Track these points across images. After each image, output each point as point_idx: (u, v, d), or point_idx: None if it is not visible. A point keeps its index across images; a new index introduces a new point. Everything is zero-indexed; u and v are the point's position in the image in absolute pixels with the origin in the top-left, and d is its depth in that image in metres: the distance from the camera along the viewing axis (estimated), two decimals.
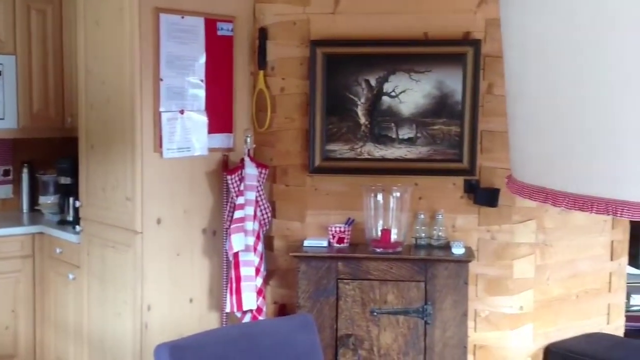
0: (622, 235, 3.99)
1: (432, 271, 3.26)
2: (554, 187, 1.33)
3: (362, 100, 3.46)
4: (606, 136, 1.24)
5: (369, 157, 3.49)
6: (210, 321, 3.55)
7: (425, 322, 3.24)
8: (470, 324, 3.43)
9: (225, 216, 3.49)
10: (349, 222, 3.48)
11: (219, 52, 3.49)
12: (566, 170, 1.32)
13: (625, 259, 4.03)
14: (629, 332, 4.13)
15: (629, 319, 4.21)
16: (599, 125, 1.25)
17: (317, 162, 3.51)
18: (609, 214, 1.22)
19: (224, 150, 3.56)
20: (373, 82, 3.44)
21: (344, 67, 3.45)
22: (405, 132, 3.46)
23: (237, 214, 3.35)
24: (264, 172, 3.50)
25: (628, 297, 4.36)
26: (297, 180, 3.58)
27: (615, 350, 3.52)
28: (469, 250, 3.40)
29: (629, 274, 4.16)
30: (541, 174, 1.39)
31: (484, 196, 3.46)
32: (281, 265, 3.62)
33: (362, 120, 3.47)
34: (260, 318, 3.41)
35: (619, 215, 1.21)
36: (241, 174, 3.41)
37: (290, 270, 3.52)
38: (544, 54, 1.27)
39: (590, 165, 1.27)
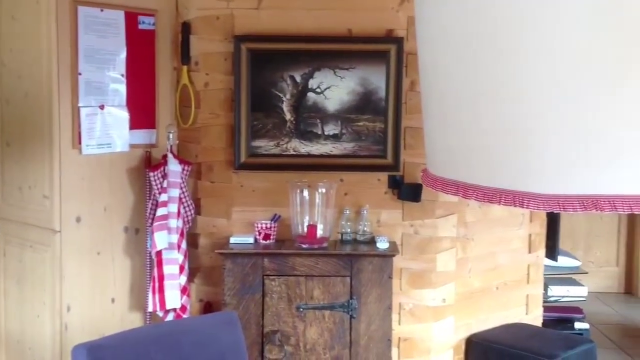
0: (540, 229, 4.14)
1: (357, 266, 3.29)
2: (465, 179, 1.36)
3: (288, 96, 3.45)
4: (514, 130, 1.27)
5: (295, 153, 3.49)
6: (133, 321, 3.48)
7: (351, 317, 3.27)
8: (395, 317, 3.48)
9: (148, 214, 3.43)
10: (275, 218, 3.47)
11: (140, 46, 3.42)
12: (476, 164, 1.35)
13: (542, 251, 4.19)
14: (546, 322, 4.28)
15: (546, 309, 4.37)
16: (507, 119, 1.28)
17: (243, 158, 3.49)
18: (515, 206, 1.26)
19: (146, 147, 3.49)
20: (298, 79, 3.44)
21: (269, 63, 3.44)
22: (331, 129, 3.48)
23: (160, 211, 3.29)
24: (187, 169, 3.45)
25: (545, 288, 4.53)
26: (223, 177, 3.55)
27: (533, 339, 3.65)
28: (393, 244, 3.45)
29: (546, 266, 4.32)
30: (453, 167, 1.41)
31: (407, 191, 3.52)
32: (206, 262, 3.58)
33: (288, 116, 3.47)
34: (185, 317, 3.36)
35: (525, 206, 1.25)
36: (164, 170, 3.35)
37: (215, 268, 3.49)
38: (455, 48, 1.29)
39: (499, 158, 1.30)
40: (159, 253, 3.30)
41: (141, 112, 3.44)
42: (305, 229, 3.38)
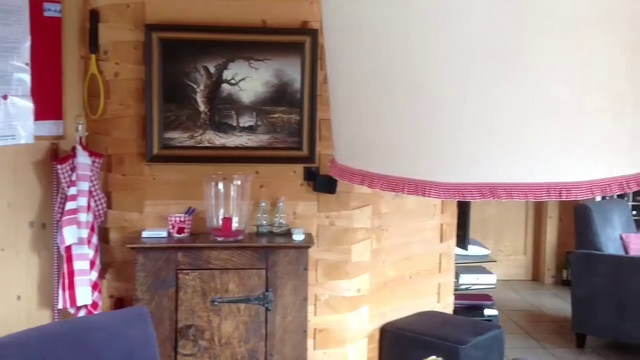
0: (451, 219, 4.26)
1: (272, 258, 3.28)
2: (370, 169, 1.37)
3: (202, 87, 3.40)
4: (416, 120, 1.29)
5: (209, 145, 3.44)
6: (41, 319, 3.35)
7: (266, 309, 3.27)
8: (311, 308, 3.50)
9: (56, 208, 3.30)
10: (190, 211, 3.42)
11: (46, 34, 3.28)
12: (381, 153, 1.36)
13: (453, 241, 4.31)
14: (457, 309, 4.42)
15: (457, 297, 4.50)
16: (410, 109, 1.30)
17: (155, 150, 3.41)
18: (418, 194, 1.28)
19: (53, 139, 3.36)
20: (212, 69, 3.40)
21: (182, 53, 3.37)
22: (246, 120, 3.45)
23: (69, 205, 3.18)
24: (97, 161, 3.34)
25: (457, 277, 4.67)
26: (134, 170, 3.46)
27: (444, 326, 3.75)
28: (308, 236, 3.46)
29: (457, 255, 4.45)
30: (359, 156, 1.42)
31: (323, 183, 3.54)
32: (118, 257, 3.49)
33: (202, 107, 3.42)
34: (96, 313, 3.27)
35: (427, 194, 1.27)
36: (72, 163, 3.24)
37: (127, 263, 3.40)
38: (361, 36, 1.30)
39: (403, 148, 1.32)
40: (68, 248, 3.19)
41: (47, 103, 3.31)
42: (221, 222, 3.35)
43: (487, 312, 4.49)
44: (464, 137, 1.25)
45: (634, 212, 6.00)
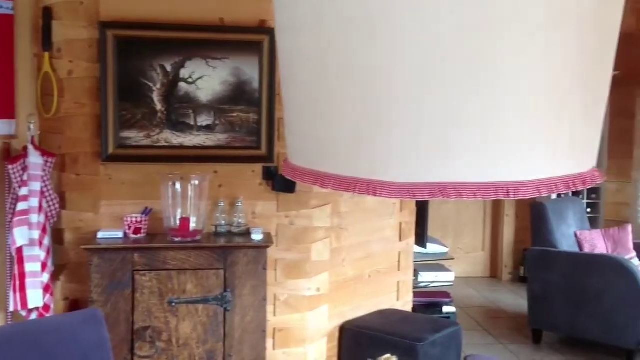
0: (410, 217, 4.29)
1: (231, 258, 3.26)
2: (323, 169, 1.37)
3: (158, 85, 3.36)
4: (367, 121, 1.30)
5: (167, 144, 3.40)
6: None
7: (225, 310, 3.25)
8: (270, 308, 3.49)
9: (7, 209, 3.23)
10: (146, 211, 3.38)
11: None
12: (334, 154, 1.36)
13: (412, 239, 4.34)
14: (416, 307, 4.46)
15: (416, 294, 4.54)
16: (361, 110, 1.30)
17: (111, 150, 3.36)
18: (369, 194, 1.28)
19: (5, 138, 3.28)
20: (168, 68, 3.36)
21: (137, 51, 3.33)
22: (204, 119, 3.42)
23: (20, 206, 3.11)
24: (50, 161, 3.27)
25: (416, 275, 4.71)
26: (89, 170, 3.40)
27: (402, 324, 3.78)
28: (268, 236, 3.45)
29: (416, 253, 4.48)
30: (311, 157, 1.42)
31: (282, 183, 3.53)
32: (73, 259, 3.43)
33: (159, 106, 3.38)
34: (48, 315, 3.20)
35: (378, 194, 1.27)
36: (24, 163, 3.17)
37: (82, 264, 3.34)
38: (311, 35, 1.30)
39: (354, 148, 1.33)
40: (19, 250, 3.12)
41: None
42: (178, 222, 3.31)
43: (446, 309, 4.54)
44: (414, 138, 1.26)
45: (589, 210, 6.13)
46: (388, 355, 1.76)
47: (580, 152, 1.35)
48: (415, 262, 4.49)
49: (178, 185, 3.34)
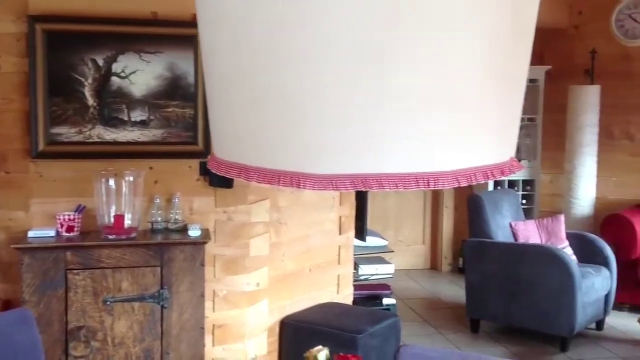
0: (349, 211, 4.32)
1: (168, 255, 3.22)
2: (246, 162, 1.37)
3: (90, 80, 3.29)
4: (290, 111, 1.30)
5: (99, 140, 3.34)
6: None
7: (162, 307, 3.21)
8: (209, 304, 3.46)
9: None
10: (79, 209, 3.30)
11: None
12: (256, 146, 1.36)
13: (352, 232, 4.38)
14: (357, 300, 4.49)
15: (357, 287, 4.58)
16: (283, 100, 1.30)
17: (41, 146, 3.27)
18: (293, 186, 1.29)
19: None
20: (100, 62, 3.29)
21: (68, 45, 3.25)
22: (138, 115, 3.37)
23: None
24: None
25: (356, 268, 4.75)
26: (19, 167, 3.30)
27: (342, 317, 3.81)
28: (205, 232, 3.42)
29: (356, 246, 4.52)
30: (235, 150, 1.42)
31: (219, 178, 3.50)
32: (4, 258, 3.33)
33: (91, 101, 3.30)
34: None
35: (301, 186, 1.28)
36: None
37: (13, 264, 3.25)
38: (232, 25, 1.29)
39: (277, 139, 1.33)
40: None
41: None
42: (112, 220, 3.25)
43: (386, 301, 4.60)
44: (335, 129, 1.27)
45: (524, 201, 6.30)
46: (320, 347, 1.77)
47: (498, 142, 1.38)
48: (355, 255, 4.53)
49: (112, 182, 3.28)
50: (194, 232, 3.33)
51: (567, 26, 6.36)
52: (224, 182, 3.50)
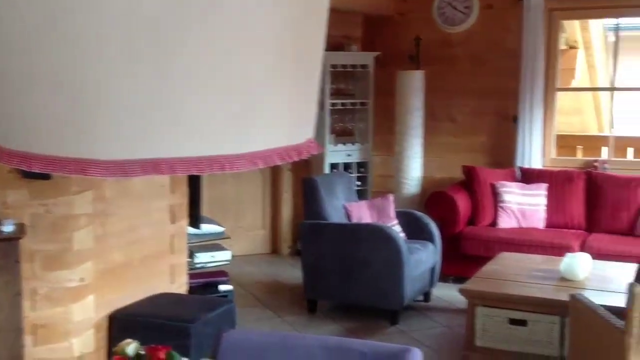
0: (181, 199, 4.23)
1: None
2: (29, 149, 1.28)
3: None
4: (75, 97, 1.24)
5: None
6: None
7: None
8: (28, 303, 3.25)
9: None
10: None
11: None
12: (40, 133, 1.28)
13: (185, 221, 4.29)
14: (193, 289, 4.42)
15: (193, 276, 4.51)
16: (68, 86, 1.23)
17: None
18: (78, 174, 1.23)
19: None
20: None
21: None
22: None
23: None
24: None
25: (192, 256, 4.67)
26: None
27: (176, 307, 3.73)
28: (20, 227, 3.20)
29: (190, 234, 4.44)
30: (18, 137, 1.33)
31: None
32: None
33: None
34: None
35: (88, 174, 1.22)
36: None
37: None
38: (7, 15, 1.20)
39: (61, 128, 1.26)
40: None
41: None
42: None
43: (223, 288, 4.57)
44: (124, 114, 1.21)
45: (359, 183, 6.52)
46: (129, 340, 1.72)
47: (295, 124, 1.39)
48: (190, 243, 4.45)
49: None
50: (7, 228, 3.10)
51: (392, 13, 6.63)
52: (41, 174, 3.28)
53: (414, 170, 6.34)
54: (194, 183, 4.38)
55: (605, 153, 6.48)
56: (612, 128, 6.51)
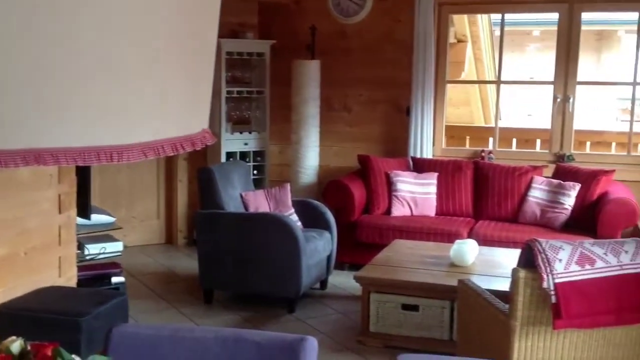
0: (69, 188, 4.06)
1: None
2: None
3: None
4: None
5: None
6: None
7: None
8: None
9: None
10: None
11: None
12: None
13: (74, 211, 4.13)
14: (83, 281, 4.27)
15: (83, 268, 4.35)
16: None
17: None
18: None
19: None
20: None
21: None
22: None
23: None
24: None
25: (82, 248, 4.51)
26: None
27: (64, 301, 3.59)
28: None
29: (80, 225, 4.28)
30: None
31: None
32: None
33: None
34: None
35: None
36: None
37: None
38: None
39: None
40: None
41: None
42: None
43: (114, 280, 4.43)
44: (6, 102, 1.15)
45: (256, 172, 6.50)
46: (13, 337, 1.64)
47: (187, 114, 1.37)
48: (79, 234, 4.29)
49: None
50: None
51: (288, 2, 6.63)
52: None
53: (310, 159, 6.39)
54: (83, 172, 4.22)
55: (491, 144, 6.79)
56: (500, 120, 6.82)
